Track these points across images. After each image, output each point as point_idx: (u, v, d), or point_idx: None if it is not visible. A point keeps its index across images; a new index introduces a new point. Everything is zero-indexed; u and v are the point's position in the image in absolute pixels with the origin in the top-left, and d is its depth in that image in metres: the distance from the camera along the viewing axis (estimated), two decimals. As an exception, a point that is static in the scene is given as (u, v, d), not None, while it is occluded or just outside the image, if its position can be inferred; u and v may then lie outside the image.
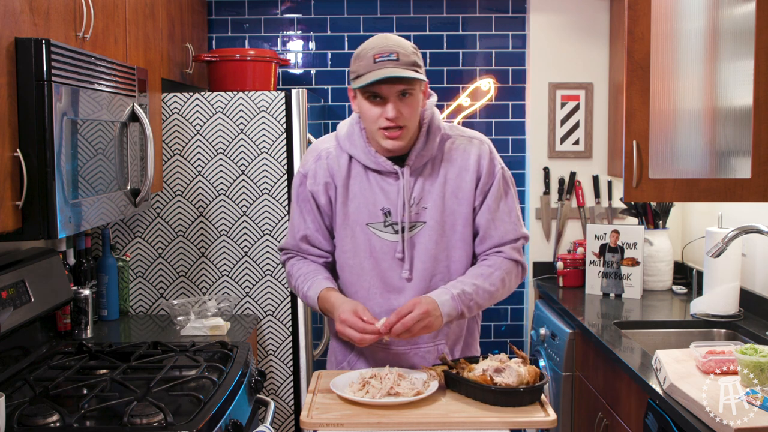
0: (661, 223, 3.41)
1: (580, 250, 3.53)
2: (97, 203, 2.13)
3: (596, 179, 3.72)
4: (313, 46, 3.78)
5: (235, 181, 3.04)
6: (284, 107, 3.01)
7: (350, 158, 2.02)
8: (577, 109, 3.71)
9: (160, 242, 3.07)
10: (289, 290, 3.08)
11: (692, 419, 1.82)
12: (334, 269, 2.11)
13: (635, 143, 2.57)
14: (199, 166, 3.04)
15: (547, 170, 3.73)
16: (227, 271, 3.08)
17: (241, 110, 3.02)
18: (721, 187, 2.55)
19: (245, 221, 3.06)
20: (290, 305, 3.09)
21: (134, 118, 2.41)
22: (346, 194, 2.01)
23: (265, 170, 3.04)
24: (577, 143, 3.73)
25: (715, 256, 2.54)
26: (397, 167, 1.97)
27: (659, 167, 2.59)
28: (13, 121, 1.79)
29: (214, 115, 3.02)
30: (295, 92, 3.02)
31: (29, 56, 1.80)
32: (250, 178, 3.04)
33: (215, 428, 1.84)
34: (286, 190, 3.04)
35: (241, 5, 3.75)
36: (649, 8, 2.55)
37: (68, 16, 2.05)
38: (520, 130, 3.81)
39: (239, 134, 3.03)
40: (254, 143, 3.03)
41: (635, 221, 3.52)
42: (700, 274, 3.10)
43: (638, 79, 2.56)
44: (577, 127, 3.72)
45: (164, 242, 3.07)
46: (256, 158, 3.03)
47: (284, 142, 3.03)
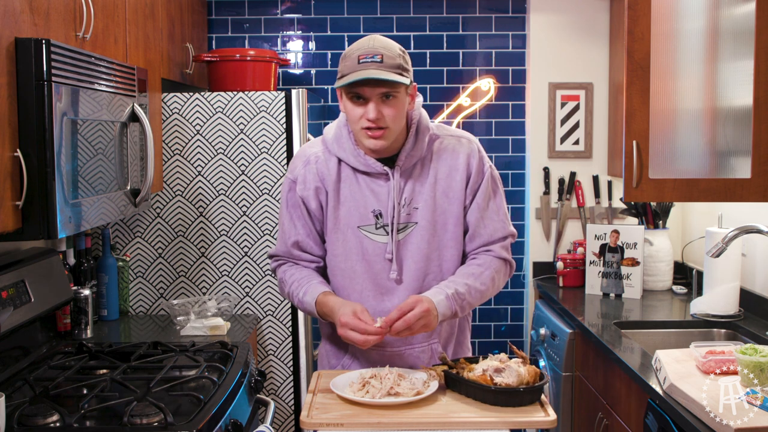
0: (661, 223, 3.41)
1: (580, 250, 3.53)
2: (97, 203, 2.13)
3: (596, 179, 3.72)
4: (313, 46, 3.78)
5: (235, 181, 3.04)
6: (284, 107, 3.01)
7: (339, 161, 2.01)
8: (577, 109, 3.71)
9: (160, 242, 3.07)
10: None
11: (692, 419, 1.82)
12: (325, 273, 2.10)
13: (635, 143, 2.57)
14: (199, 166, 3.04)
15: (547, 170, 3.73)
16: (227, 271, 3.08)
17: (241, 110, 3.02)
18: (721, 187, 2.55)
19: (245, 221, 3.06)
20: (290, 305, 3.09)
21: (134, 118, 2.41)
22: (336, 198, 2.01)
23: (265, 170, 3.04)
24: (577, 143, 3.73)
25: (715, 256, 2.54)
26: (387, 168, 1.97)
27: (659, 167, 2.59)
28: (13, 121, 1.79)
29: (214, 115, 3.02)
30: (295, 92, 3.02)
31: (29, 56, 1.80)
32: (250, 178, 3.04)
33: (215, 428, 1.84)
34: (286, 190, 3.04)
35: (241, 5, 3.75)
36: (649, 8, 2.55)
37: (68, 16, 2.05)
38: (520, 130, 3.81)
39: (239, 134, 3.03)
40: (254, 143, 3.03)
41: (635, 221, 3.52)
42: (700, 274, 3.10)
43: (638, 79, 2.56)
44: (577, 127, 3.72)
45: (164, 242, 3.07)
46: (256, 158, 3.03)
47: (284, 142, 3.03)
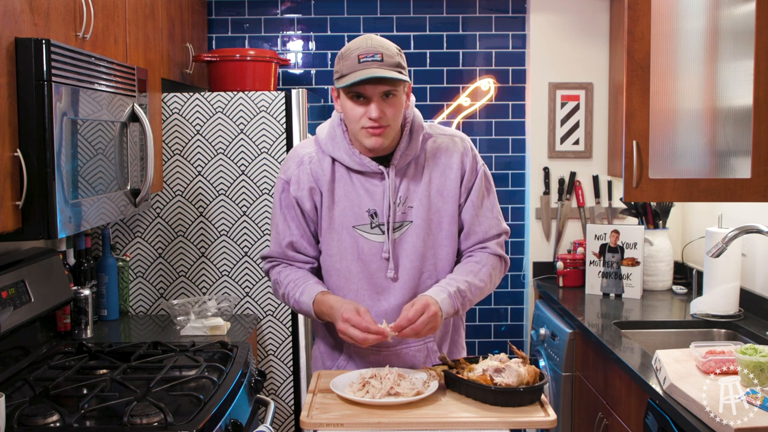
0: (661, 223, 3.41)
1: (580, 250, 3.53)
2: (97, 203, 2.13)
3: (596, 179, 3.72)
4: (313, 46, 3.78)
5: (235, 181, 3.04)
6: (284, 107, 3.01)
7: (333, 161, 2.01)
8: (577, 109, 3.71)
9: (160, 242, 3.07)
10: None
11: (692, 419, 1.82)
12: (318, 275, 2.10)
13: (635, 143, 2.57)
14: (199, 166, 3.04)
15: (547, 170, 3.73)
16: (227, 271, 3.08)
17: (241, 110, 3.02)
18: (721, 187, 2.55)
19: (245, 221, 3.06)
20: (290, 305, 3.09)
21: (134, 118, 2.41)
22: (331, 198, 2.01)
23: (265, 170, 3.03)
24: (577, 143, 3.73)
25: (715, 256, 2.54)
26: (382, 167, 1.98)
27: (659, 167, 2.59)
28: (13, 121, 1.79)
29: (214, 115, 3.02)
30: (295, 92, 3.02)
31: (29, 56, 1.80)
32: (250, 178, 3.04)
33: (215, 428, 1.84)
34: (286, 190, 3.04)
35: (241, 5, 3.75)
36: (649, 8, 2.55)
37: (68, 16, 2.05)
38: (520, 130, 3.81)
39: (239, 134, 3.03)
40: (254, 143, 3.03)
41: (635, 221, 3.52)
42: (700, 274, 3.10)
43: (638, 79, 2.56)
44: (577, 127, 3.72)
45: (164, 242, 3.07)
46: (256, 158, 3.03)
47: (284, 142, 3.03)
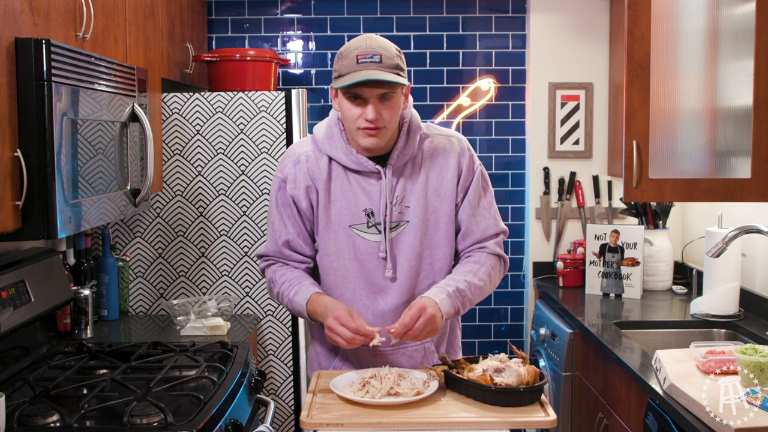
0: (661, 223, 3.41)
1: (580, 250, 3.53)
2: (97, 203, 2.13)
3: (596, 179, 3.72)
4: (313, 46, 3.78)
5: (235, 181, 3.04)
6: (284, 107, 3.01)
7: (330, 160, 2.01)
8: (577, 109, 3.71)
9: (160, 242, 3.07)
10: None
11: (692, 419, 1.82)
12: (314, 275, 2.10)
13: (635, 143, 2.57)
14: (199, 166, 3.04)
15: (547, 170, 3.73)
16: (227, 271, 3.08)
17: (241, 110, 3.02)
18: (721, 187, 2.55)
19: (245, 221, 3.06)
20: (290, 305, 3.09)
21: (134, 118, 2.41)
22: (327, 197, 2.00)
23: (265, 170, 3.03)
24: (577, 143, 3.73)
25: (715, 256, 2.54)
26: (379, 167, 1.98)
27: (659, 167, 2.59)
28: (13, 121, 1.79)
29: (214, 115, 3.02)
30: (295, 92, 3.02)
31: (29, 56, 1.80)
32: (250, 178, 3.04)
33: (215, 428, 1.83)
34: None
35: (241, 5, 3.75)
36: (649, 8, 2.54)
37: (68, 16, 2.05)
38: (520, 130, 3.81)
39: (239, 134, 3.03)
40: (254, 143, 3.03)
41: (635, 221, 3.52)
42: (700, 274, 3.10)
43: (638, 79, 2.56)
44: (577, 127, 3.72)
45: (164, 242, 3.07)
46: (256, 158, 3.03)
47: (284, 142, 3.03)
